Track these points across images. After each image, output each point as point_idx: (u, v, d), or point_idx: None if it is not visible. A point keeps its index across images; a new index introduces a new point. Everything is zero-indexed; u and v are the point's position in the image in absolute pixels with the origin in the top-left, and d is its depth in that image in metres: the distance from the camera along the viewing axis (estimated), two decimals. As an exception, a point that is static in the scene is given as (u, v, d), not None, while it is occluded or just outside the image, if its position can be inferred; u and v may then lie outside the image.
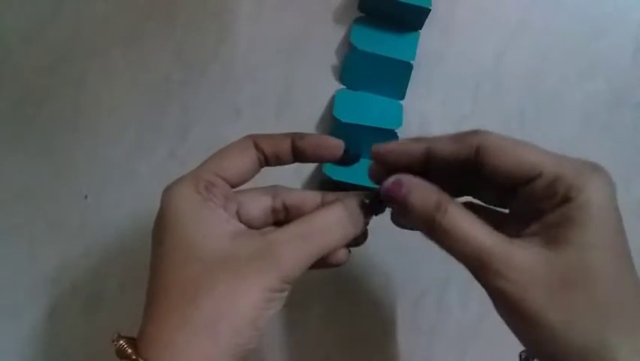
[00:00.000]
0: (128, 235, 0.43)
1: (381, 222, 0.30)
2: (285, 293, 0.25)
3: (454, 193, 0.27)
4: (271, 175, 0.31)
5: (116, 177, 0.43)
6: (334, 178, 0.40)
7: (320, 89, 0.43)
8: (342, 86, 0.43)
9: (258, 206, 0.30)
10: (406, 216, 0.26)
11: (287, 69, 0.43)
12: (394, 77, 0.42)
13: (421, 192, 0.26)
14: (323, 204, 0.30)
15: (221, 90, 0.44)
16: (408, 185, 0.26)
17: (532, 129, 0.44)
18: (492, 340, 0.42)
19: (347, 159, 0.30)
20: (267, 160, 0.29)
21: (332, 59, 0.43)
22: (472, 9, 0.44)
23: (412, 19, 0.42)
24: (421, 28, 0.42)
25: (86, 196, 0.43)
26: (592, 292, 0.22)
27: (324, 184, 0.42)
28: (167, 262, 0.25)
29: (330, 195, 0.30)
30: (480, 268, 0.24)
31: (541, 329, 0.23)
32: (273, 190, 0.30)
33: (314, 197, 0.30)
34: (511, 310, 0.24)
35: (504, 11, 0.44)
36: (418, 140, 0.27)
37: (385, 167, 0.28)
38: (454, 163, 0.26)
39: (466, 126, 0.43)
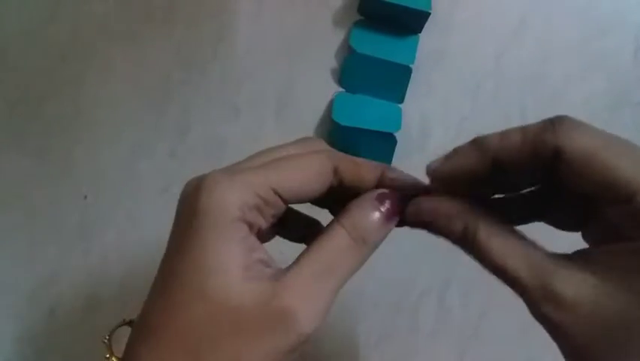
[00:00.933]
0: (127, 234, 0.43)
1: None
2: (303, 346, 0.22)
3: (523, 212, 0.24)
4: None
5: (116, 177, 0.43)
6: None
7: (319, 92, 0.43)
8: (341, 89, 0.43)
9: (312, 195, 0.25)
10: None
11: (286, 70, 0.43)
12: (393, 81, 0.42)
13: (443, 220, 0.23)
14: (382, 182, 0.25)
15: (220, 90, 0.44)
16: (428, 214, 0.23)
17: (533, 129, 0.44)
18: (492, 340, 0.43)
19: None
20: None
21: (331, 62, 0.43)
22: (472, 9, 0.44)
23: (412, 23, 0.42)
24: (420, 32, 0.42)
25: (85, 196, 0.43)
26: None
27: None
28: (178, 289, 0.21)
29: (390, 173, 0.25)
30: (517, 292, 0.22)
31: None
32: (330, 167, 0.25)
33: (372, 174, 0.25)
34: (555, 339, 0.21)
35: (504, 12, 0.44)
36: (479, 147, 0.22)
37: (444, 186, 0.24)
38: (530, 170, 0.21)
39: (466, 126, 0.43)
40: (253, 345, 0.21)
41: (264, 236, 0.25)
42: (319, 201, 0.27)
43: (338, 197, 0.26)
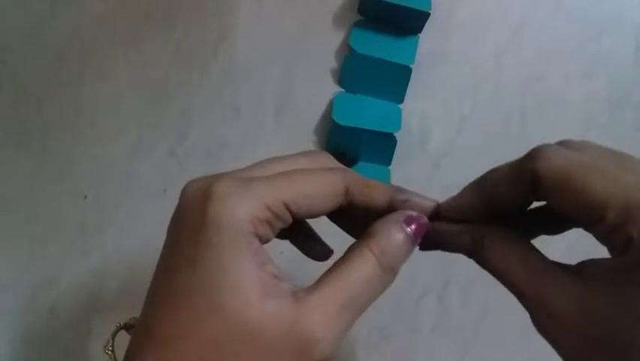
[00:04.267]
0: (127, 234, 0.43)
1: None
2: None
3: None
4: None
5: (116, 177, 0.43)
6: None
7: (319, 92, 0.43)
8: (341, 89, 0.43)
9: (321, 212, 0.24)
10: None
11: (286, 70, 0.43)
12: (393, 81, 0.42)
13: (451, 237, 0.24)
14: (392, 205, 0.25)
15: (220, 90, 0.44)
16: (437, 234, 0.24)
17: (533, 129, 0.44)
18: (492, 340, 0.43)
19: (344, 163, 0.29)
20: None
21: (331, 62, 0.43)
22: (472, 9, 0.44)
23: (412, 23, 0.42)
24: (420, 32, 0.42)
25: (85, 196, 0.43)
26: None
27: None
28: (189, 304, 0.21)
29: (401, 195, 0.25)
30: (519, 301, 0.22)
31: None
32: (343, 187, 0.24)
33: (383, 196, 0.25)
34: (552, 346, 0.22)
35: (504, 11, 0.44)
36: (475, 190, 0.23)
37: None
38: (523, 201, 0.23)
39: (466, 126, 0.43)
40: None
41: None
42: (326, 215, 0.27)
43: (345, 213, 0.25)
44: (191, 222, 0.22)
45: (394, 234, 0.23)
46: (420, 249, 0.24)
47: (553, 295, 0.21)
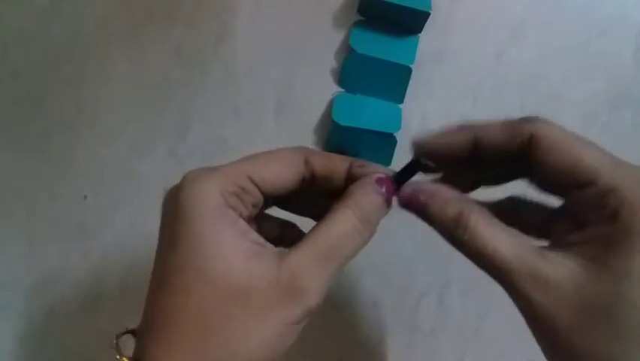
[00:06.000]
0: (127, 234, 0.43)
1: (381, 223, 0.30)
2: (304, 322, 0.23)
3: (505, 180, 0.27)
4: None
5: (116, 177, 0.43)
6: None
7: (319, 92, 0.43)
8: (341, 89, 0.43)
9: (286, 184, 0.26)
10: (428, 224, 0.25)
11: (286, 70, 0.43)
12: (393, 81, 0.42)
13: (440, 203, 0.24)
14: (351, 171, 0.27)
15: (220, 90, 0.44)
16: (426, 195, 0.25)
17: (533, 129, 0.44)
18: (492, 340, 0.43)
19: None
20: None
21: (331, 62, 0.43)
22: (472, 9, 0.44)
23: (412, 23, 0.42)
24: (420, 32, 0.42)
25: (85, 196, 0.43)
26: (622, 328, 0.20)
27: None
28: (178, 279, 0.22)
29: (358, 162, 0.27)
30: (505, 284, 0.23)
31: (562, 352, 0.22)
32: (301, 158, 0.26)
33: (342, 165, 0.27)
34: (535, 326, 0.23)
35: (505, 11, 0.44)
36: (464, 128, 0.25)
37: (429, 158, 0.26)
38: (505, 153, 0.24)
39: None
40: (262, 320, 0.22)
41: None
42: (294, 206, 0.29)
43: (311, 200, 0.27)
44: (169, 212, 0.24)
45: (368, 189, 0.25)
46: (401, 206, 0.26)
47: (546, 267, 0.22)
